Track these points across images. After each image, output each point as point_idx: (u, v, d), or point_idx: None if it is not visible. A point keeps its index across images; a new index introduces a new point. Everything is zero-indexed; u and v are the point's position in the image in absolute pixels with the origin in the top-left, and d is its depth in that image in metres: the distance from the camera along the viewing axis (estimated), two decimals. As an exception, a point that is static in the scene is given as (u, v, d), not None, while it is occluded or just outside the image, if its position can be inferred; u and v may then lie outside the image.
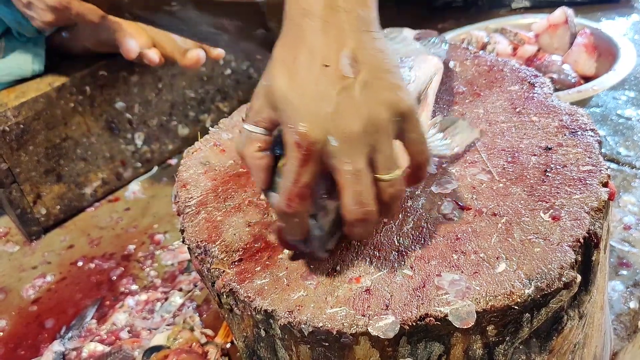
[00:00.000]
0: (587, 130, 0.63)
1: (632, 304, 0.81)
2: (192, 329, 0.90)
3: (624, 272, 0.85)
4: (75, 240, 1.15)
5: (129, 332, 0.93)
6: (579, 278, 0.51)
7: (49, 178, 1.12)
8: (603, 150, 1.11)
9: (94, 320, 0.96)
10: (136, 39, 0.99)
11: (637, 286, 0.83)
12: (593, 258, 0.54)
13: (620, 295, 0.82)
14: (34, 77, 1.09)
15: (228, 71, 1.32)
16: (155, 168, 1.29)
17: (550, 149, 0.62)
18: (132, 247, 1.11)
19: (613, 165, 1.07)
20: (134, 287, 1.02)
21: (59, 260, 1.11)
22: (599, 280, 0.59)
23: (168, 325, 0.92)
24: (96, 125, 1.16)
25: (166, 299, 0.98)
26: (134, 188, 1.25)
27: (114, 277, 1.05)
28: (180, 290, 0.99)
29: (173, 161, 1.31)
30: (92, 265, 1.08)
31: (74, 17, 0.93)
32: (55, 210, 1.16)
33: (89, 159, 1.17)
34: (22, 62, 1.07)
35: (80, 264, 1.09)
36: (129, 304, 0.98)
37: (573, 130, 0.64)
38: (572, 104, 1.08)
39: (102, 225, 1.18)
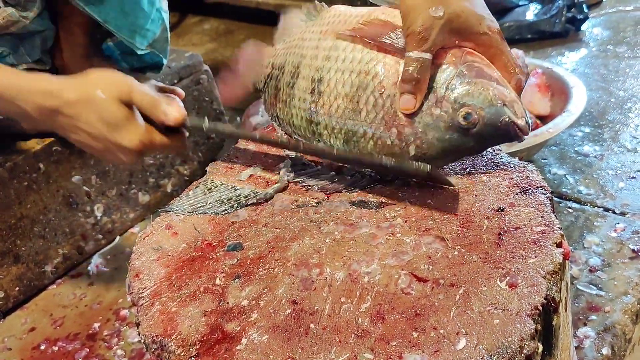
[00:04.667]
0: (537, 187, 0.64)
1: (605, 351, 0.80)
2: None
3: (594, 317, 0.85)
4: (37, 321, 1.11)
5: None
6: (540, 348, 0.50)
7: (5, 260, 1.08)
8: (564, 189, 1.12)
9: (58, 410, 0.92)
10: None
11: (607, 331, 0.82)
12: (554, 322, 0.54)
13: (592, 343, 0.81)
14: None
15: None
16: (118, 238, 1.26)
17: (502, 210, 0.62)
18: (97, 325, 1.07)
19: (575, 205, 1.08)
20: (100, 369, 0.98)
21: (20, 345, 1.06)
22: (563, 340, 0.59)
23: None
24: (53, 202, 1.13)
25: (134, 380, 0.94)
26: (97, 261, 1.21)
27: (79, 360, 1.01)
28: (148, 369, 0.95)
29: (135, 229, 1.28)
30: (56, 348, 1.04)
31: (159, 150, 0.81)
32: (15, 292, 1.12)
33: (47, 236, 1.14)
34: None
35: (42, 347, 1.05)
36: (95, 388, 0.94)
37: (524, 189, 0.64)
38: (530, 147, 1.10)
39: (65, 304, 1.14)
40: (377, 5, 0.72)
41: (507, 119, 0.61)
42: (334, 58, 0.70)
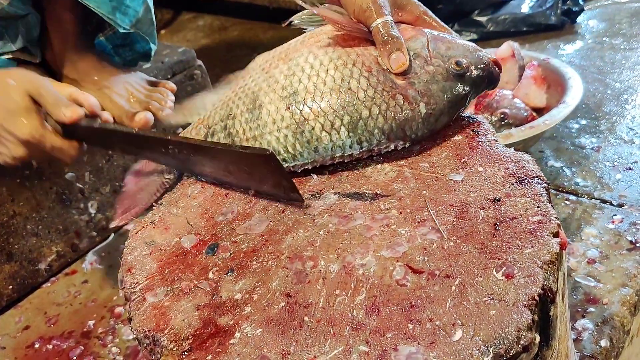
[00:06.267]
0: (533, 177, 0.63)
1: (603, 343, 0.80)
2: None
3: (592, 309, 0.84)
4: (31, 320, 1.10)
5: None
6: (537, 338, 0.50)
7: (-2, 258, 1.08)
8: (561, 181, 1.11)
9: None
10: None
11: (606, 323, 0.82)
12: (551, 313, 0.53)
13: (591, 335, 0.80)
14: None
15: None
16: (112, 235, 1.25)
17: (498, 200, 0.61)
18: (91, 322, 1.06)
19: (572, 197, 1.08)
20: (95, 366, 0.97)
21: (14, 344, 1.05)
22: (560, 331, 0.58)
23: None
24: (46, 199, 1.12)
25: (129, 377, 0.93)
26: (91, 258, 1.21)
27: (74, 358, 1.00)
28: (143, 366, 0.95)
29: (130, 227, 1.27)
30: (50, 347, 1.03)
31: (48, 152, 0.82)
32: (8, 290, 1.11)
33: (40, 234, 1.13)
34: None
35: (37, 345, 1.04)
36: (89, 386, 0.94)
37: (520, 179, 0.63)
38: (526, 139, 1.09)
39: (60, 301, 1.13)
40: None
41: (487, 60, 0.71)
42: (299, 70, 0.70)
